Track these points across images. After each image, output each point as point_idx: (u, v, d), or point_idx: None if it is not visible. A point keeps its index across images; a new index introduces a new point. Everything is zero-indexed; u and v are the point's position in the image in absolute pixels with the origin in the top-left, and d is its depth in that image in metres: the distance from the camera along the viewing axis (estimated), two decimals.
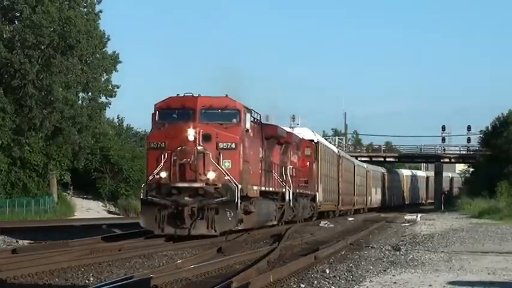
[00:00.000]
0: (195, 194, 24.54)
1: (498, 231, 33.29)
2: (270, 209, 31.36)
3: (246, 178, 26.07)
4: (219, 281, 12.97)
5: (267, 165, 30.60)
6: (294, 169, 36.85)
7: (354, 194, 64.25)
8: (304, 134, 45.34)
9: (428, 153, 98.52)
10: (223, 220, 24.42)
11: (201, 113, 25.54)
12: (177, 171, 24.60)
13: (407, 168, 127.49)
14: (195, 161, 24.57)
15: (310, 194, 42.04)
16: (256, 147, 28.43)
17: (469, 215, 55.47)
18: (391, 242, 25.64)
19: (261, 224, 29.73)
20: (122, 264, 16.88)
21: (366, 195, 71.76)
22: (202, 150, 24.68)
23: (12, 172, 56.14)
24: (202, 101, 25.78)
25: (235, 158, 25.25)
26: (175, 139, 24.78)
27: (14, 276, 14.08)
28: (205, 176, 24.58)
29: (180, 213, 24.30)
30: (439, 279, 14.35)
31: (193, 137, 24.61)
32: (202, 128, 24.90)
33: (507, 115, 77.53)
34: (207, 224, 24.28)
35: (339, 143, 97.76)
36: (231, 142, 25.18)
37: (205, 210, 24.34)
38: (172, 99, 26.67)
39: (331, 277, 14.69)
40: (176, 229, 24.23)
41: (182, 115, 25.74)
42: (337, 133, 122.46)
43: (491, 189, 62.49)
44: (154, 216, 24.35)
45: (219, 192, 24.68)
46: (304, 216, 40.78)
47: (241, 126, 25.98)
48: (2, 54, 53.51)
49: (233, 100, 26.26)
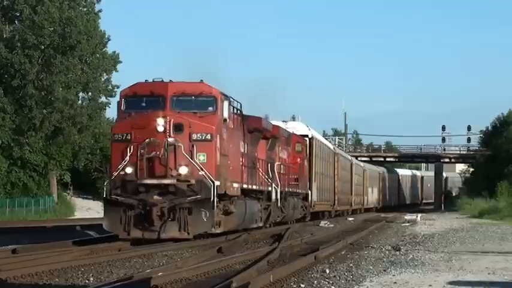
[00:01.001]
0: (165, 192, 22.01)
1: (498, 231, 33.29)
2: (254, 210, 28.55)
3: (224, 174, 23.46)
4: (219, 281, 12.97)
5: (251, 161, 28.01)
6: (283, 166, 34.30)
7: (351, 193, 61.83)
8: (297, 128, 42.76)
9: (428, 153, 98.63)
10: (197, 221, 21.87)
11: (173, 101, 22.89)
12: (145, 167, 22.08)
13: (407, 168, 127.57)
14: (165, 155, 22.07)
15: (301, 193, 39.10)
16: (236, 140, 25.68)
17: (469, 215, 55.49)
18: (391, 242, 25.62)
19: (244, 226, 27.10)
20: (122, 264, 16.88)
21: (363, 195, 69.66)
22: (173, 142, 22.16)
23: (12, 172, 56.20)
24: (173, 87, 23.13)
25: (211, 151, 22.59)
26: (142, 130, 22.32)
27: (14, 276, 14.07)
28: (176, 172, 22.05)
29: (148, 214, 21.80)
30: (439, 279, 14.35)
31: (163, 128, 22.14)
32: (173, 117, 22.34)
33: (507, 115, 77.67)
34: (179, 226, 21.79)
35: (339, 143, 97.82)
36: (206, 133, 22.56)
37: (176, 210, 21.83)
38: (139, 86, 24.15)
39: (331, 277, 14.69)
40: (144, 232, 21.80)
41: (151, 103, 23.09)
42: (337, 133, 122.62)
43: (491, 189, 62.54)
44: (119, 218, 21.87)
45: (193, 189, 22.09)
46: (295, 217, 38.11)
47: (218, 116, 23.21)
48: (2, 54, 53.57)
49: (209, 86, 23.53)
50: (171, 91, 22.92)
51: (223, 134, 23.52)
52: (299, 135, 40.60)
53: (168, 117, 22.27)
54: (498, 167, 69.67)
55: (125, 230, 21.82)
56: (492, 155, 75.59)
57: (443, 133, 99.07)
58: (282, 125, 39.09)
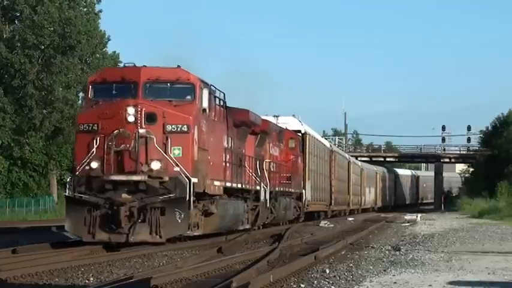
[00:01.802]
0: (135, 189, 19.77)
1: (498, 231, 33.28)
2: (239, 210, 26.30)
3: (203, 170, 21.29)
4: (219, 281, 12.97)
5: (237, 157, 25.87)
6: (274, 164, 32.28)
7: (348, 193, 59.98)
8: (289, 123, 39.88)
9: (428, 153, 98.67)
10: (170, 223, 19.64)
11: (145, 88, 20.66)
12: (112, 161, 19.88)
13: (407, 168, 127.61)
14: (135, 148, 19.85)
15: (294, 192, 36.67)
16: (218, 134, 23.43)
17: (469, 215, 55.50)
18: (391, 242, 25.62)
19: (227, 228, 25.07)
20: (122, 264, 16.87)
21: (361, 195, 68.00)
22: (145, 133, 19.95)
23: (13, 172, 56.21)
24: (146, 73, 20.87)
25: (187, 144, 20.34)
26: (111, 120, 20.07)
27: (14, 276, 14.07)
28: (148, 167, 19.84)
29: (115, 215, 19.54)
30: (439, 279, 14.35)
31: (134, 118, 19.92)
32: (146, 106, 20.11)
33: (507, 115, 77.69)
34: (150, 229, 19.58)
35: (339, 143, 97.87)
36: (182, 124, 20.28)
37: (147, 210, 19.64)
38: (109, 71, 22.27)
39: (331, 277, 14.69)
40: (111, 235, 19.57)
41: (122, 90, 20.84)
42: (337, 133, 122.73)
43: (491, 189, 62.55)
44: (83, 219, 19.65)
45: (166, 187, 19.87)
46: (288, 218, 35.84)
47: (196, 105, 20.99)
48: (2, 54, 53.56)
49: (187, 72, 21.25)
50: (144, 77, 20.71)
51: (202, 126, 21.31)
52: (291, 130, 38.53)
53: (139, 105, 20.08)
54: (498, 167, 69.68)
55: (89, 232, 19.62)
56: (492, 155, 75.61)
57: (443, 133, 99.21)
58: (273, 120, 37.18)
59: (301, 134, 40.44)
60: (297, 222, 37.78)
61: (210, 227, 22.85)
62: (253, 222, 28.72)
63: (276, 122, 37.14)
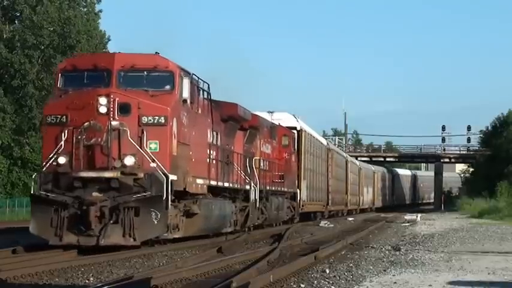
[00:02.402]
0: (107, 187, 18.27)
1: (498, 231, 33.27)
2: (226, 211, 24.57)
3: (183, 167, 19.83)
4: (219, 281, 12.96)
5: (224, 154, 24.33)
6: (266, 161, 30.66)
7: (346, 192, 58.35)
8: (284, 120, 38.19)
9: (428, 153, 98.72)
10: (145, 224, 18.23)
11: (120, 76, 19.07)
12: (82, 156, 18.36)
13: (407, 168, 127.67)
14: (107, 142, 18.32)
15: (288, 191, 35.14)
16: (202, 128, 21.85)
17: (469, 215, 55.51)
18: (391, 242, 25.61)
19: (211, 230, 23.52)
20: (122, 264, 16.86)
21: (359, 195, 66.78)
22: (118, 126, 18.41)
23: (13, 172, 56.18)
24: (121, 60, 19.31)
25: (164, 138, 18.81)
26: (81, 111, 18.54)
27: (14, 276, 14.06)
28: (121, 163, 18.30)
29: (85, 215, 18.08)
30: (439, 279, 14.34)
31: (106, 108, 18.38)
32: (119, 96, 18.57)
33: (507, 115, 77.71)
34: (123, 230, 18.10)
35: (339, 143, 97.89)
36: (159, 115, 18.71)
37: (120, 210, 18.12)
38: (80, 58, 20.92)
39: (331, 277, 14.68)
40: (80, 237, 18.08)
41: (94, 79, 19.23)
42: (337, 133, 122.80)
43: (491, 189, 62.57)
44: (50, 219, 18.20)
45: (141, 185, 18.35)
46: (281, 219, 34.23)
47: (176, 95, 19.41)
48: (2, 54, 53.58)
49: (165, 59, 19.70)
50: (118, 64, 19.13)
51: (182, 118, 19.73)
52: (286, 127, 36.82)
53: (112, 95, 18.49)
54: (498, 167, 69.69)
55: (56, 234, 18.13)
56: (492, 155, 75.63)
57: (443, 133, 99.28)
58: (267, 116, 35.72)
59: (296, 131, 38.81)
60: (291, 223, 36.31)
61: (193, 228, 21.45)
62: (242, 223, 27.29)
63: (271, 118, 35.83)
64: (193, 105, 20.75)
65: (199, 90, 21.61)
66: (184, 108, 19.91)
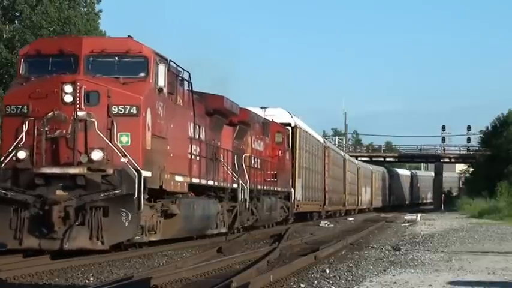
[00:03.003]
0: (72, 185, 16.50)
1: (498, 231, 33.28)
2: (210, 211, 22.81)
3: (159, 162, 18.12)
4: (219, 281, 12.96)
5: (208, 150, 22.62)
6: (258, 159, 29.12)
7: (344, 192, 56.97)
8: (277, 115, 36.55)
9: (428, 153, 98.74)
10: (115, 226, 16.46)
11: (88, 61, 17.37)
12: (45, 150, 16.60)
13: (407, 168, 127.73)
14: (72, 134, 16.60)
15: (281, 191, 33.47)
16: (182, 120, 20.12)
17: (469, 215, 55.54)
18: (391, 242, 25.62)
19: (194, 232, 22.01)
20: (122, 264, 16.84)
21: (357, 195, 65.30)
22: (85, 117, 16.70)
23: None
24: (89, 44, 17.77)
25: (137, 130, 17.05)
26: (44, 100, 16.78)
27: (14, 276, 14.05)
28: (87, 157, 16.53)
29: (47, 216, 16.28)
30: (439, 279, 14.34)
31: (72, 97, 16.64)
32: (86, 84, 16.84)
33: (507, 115, 77.73)
34: (89, 233, 16.35)
35: (339, 143, 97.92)
36: (131, 105, 16.96)
37: (86, 210, 16.36)
38: (44, 42, 19.20)
39: (331, 277, 14.68)
40: (41, 240, 16.31)
41: (59, 65, 17.49)
42: (337, 133, 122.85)
43: (491, 189, 62.60)
44: (8, 221, 16.41)
45: (110, 182, 16.54)
46: (273, 219, 32.65)
47: (150, 83, 17.66)
48: (2, 54, 53.55)
49: (138, 43, 17.89)
50: (87, 49, 17.44)
51: (157, 109, 18.03)
52: (280, 123, 35.26)
53: (78, 82, 16.77)
54: (498, 167, 69.72)
55: (15, 237, 16.40)
56: (492, 155, 75.65)
57: (443, 133, 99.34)
58: (260, 111, 34.19)
59: (290, 127, 37.08)
60: (285, 224, 34.97)
61: (172, 230, 19.81)
62: (230, 224, 25.70)
63: (264, 114, 34.41)
64: (172, 95, 19.09)
65: (178, 78, 19.80)
66: (160, 97, 18.17)
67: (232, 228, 26.00)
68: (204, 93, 22.89)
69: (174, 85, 19.25)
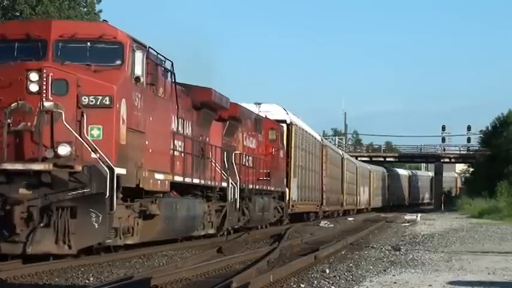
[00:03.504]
0: (37, 183, 15.04)
1: (498, 231, 33.29)
2: (197, 212, 21.52)
3: (135, 159, 16.69)
4: (219, 281, 12.95)
5: (195, 146, 21.33)
6: (250, 157, 27.89)
7: (342, 192, 55.73)
8: (272, 112, 35.45)
9: (428, 153, 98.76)
10: (84, 229, 15.00)
11: (57, 47, 15.96)
12: (7, 144, 15.21)
13: (407, 168, 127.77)
14: (38, 127, 15.18)
15: (275, 190, 32.28)
16: (163, 113, 18.64)
17: (469, 215, 55.54)
18: (391, 242, 25.63)
19: (177, 233, 20.71)
20: (122, 264, 16.84)
21: (356, 195, 64.12)
22: (52, 107, 15.27)
23: None
24: (59, 28, 16.23)
25: (109, 123, 15.61)
26: (7, 90, 15.36)
27: (14, 276, 14.04)
28: (53, 152, 15.06)
29: (8, 217, 14.81)
30: (439, 279, 14.34)
31: (38, 86, 15.24)
32: (54, 71, 15.41)
33: (507, 115, 77.72)
34: (55, 236, 14.88)
35: (339, 143, 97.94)
36: (103, 95, 15.52)
37: (52, 211, 14.89)
38: (11, 26, 17.61)
39: (331, 277, 14.68)
40: (2, 243, 14.93)
41: (26, 50, 16.01)
42: (337, 133, 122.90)
43: (491, 189, 62.61)
44: None
45: (79, 179, 15.13)
46: (267, 220, 31.34)
47: (125, 71, 16.27)
48: None
49: (113, 28, 16.60)
50: (56, 33, 15.98)
51: (134, 100, 16.58)
52: (274, 120, 34.04)
53: (45, 70, 15.33)
54: (498, 167, 69.70)
55: None
56: (492, 155, 75.64)
57: (443, 133, 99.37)
58: (254, 107, 33.22)
59: (286, 124, 35.92)
60: (280, 224, 34.00)
61: (151, 232, 18.52)
62: (219, 225, 24.43)
63: (258, 110, 33.32)
64: (153, 86, 17.73)
65: (160, 68, 18.46)
66: (137, 88, 16.70)
67: (221, 230, 24.73)
68: (190, 86, 21.69)
69: (155, 75, 17.81)
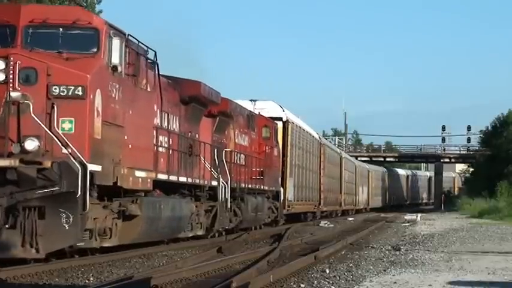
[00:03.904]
0: (2, 180, 14.04)
1: (498, 231, 33.30)
2: (183, 212, 20.28)
3: (113, 154, 15.53)
4: (219, 281, 12.95)
5: (183, 142, 20.29)
6: (242, 155, 26.84)
7: (341, 191, 54.73)
8: (268, 109, 34.43)
9: (428, 153, 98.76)
10: (53, 231, 13.90)
11: (27, 33, 14.86)
12: None
13: (407, 168, 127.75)
14: (4, 119, 14.12)
15: (269, 190, 31.17)
16: (145, 106, 17.33)
17: (469, 215, 55.55)
18: (391, 242, 25.63)
19: (161, 235, 19.46)
20: (122, 264, 16.84)
21: (355, 194, 63.14)
22: (19, 98, 14.18)
23: None
24: (30, 13, 15.06)
25: (83, 115, 14.41)
26: None
27: (14, 276, 14.03)
28: (20, 147, 14.05)
29: None
30: (439, 279, 14.34)
31: (4, 75, 14.26)
32: (22, 59, 14.39)
33: (507, 115, 77.72)
34: (22, 239, 13.84)
35: (339, 143, 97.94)
36: (76, 85, 14.32)
37: (19, 211, 13.83)
38: None
39: (331, 277, 14.68)
40: None
41: None
42: (337, 133, 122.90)
43: (491, 189, 62.61)
44: None
45: (48, 177, 13.92)
46: (260, 221, 30.13)
47: (100, 59, 15.09)
48: None
49: (88, 13, 15.86)
50: (26, 18, 14.86)
51: (110, 91, 15.42)
52: (269, 117, 32.87)
53: (12, 57, 14.31)
54: (498, 167, 69.71)
55: None
56: (492, 155, 75.65)
57: (443, 133, 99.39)
58: (249, 104, 32.30)
59: (282, 121, 34.97)
60: (275, 225, 33.05)
61: (131, 234, 17.24)
62: (209, 226, 23.31)
63: (253, 107, 32.61)
64: (134, 77, 16.58)
65: (141, 57, 17.18)
66: (114, 78, 15.54)
67: (211, 231, 23.58)
68: (178, 79, 20.76)
69: (137, 65, 16.66)
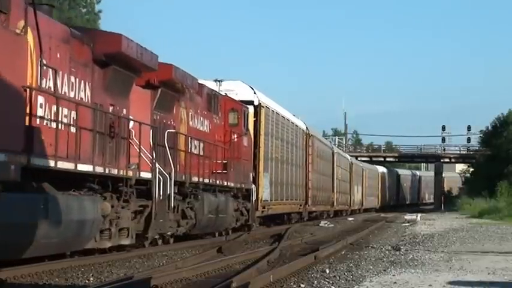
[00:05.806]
0: None
1: (498, 231, 33.31)
2: (86, 216, 14.83)
3: None
4: (219, 281, 12.95)
5: (97, 118, 15.38)
6: (199, 142, 22.18)
7: (333, 190, 50.05)
8: (236, 90, 29.03)
9: (428, 153, 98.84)
10: None
11: None
12: None
13: (407, 168, 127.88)
14: None
15: (235, 187, 26.14)
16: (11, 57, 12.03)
17: (469, 215, 55.56)
18: (391, 242, 25.64)
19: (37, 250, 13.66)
20: (122, 264, 16.85)
21: (349, 194, 59.06)
22: None
23: None
24: None
25: None
26: None
27: (14, 276, 14.05)
28: None
29: None
30: (439, 279, 14.34)
31: None
32: None
33: (507, 115, 77.76)
34: None
35: (339, 143, 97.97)
36: None
37: None
38: None
39: (331, 277, 14.68)
40: None
41: None
42: (337, 133, 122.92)
43: (491, 189, 62.63)
44: None
45: None
46: (224, 225, 24.98)
47: None
48: None
49: None
50: None
51: None
52: (238, 100, 27.65)
53: None
54: (498, 167, 69.74)
55: None
56: (492, 155, 75.69)
57: (443, 133, 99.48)
58: (214, 85, 27.34)
59: (253, 105, 29.60)
60: (247, 230, 27.90)
61: None
62: (142, 232, 18.58)
63: (218, 88, 27.55)
64: None
65: None
66: None
67: (144, 238, 18.92)
68: (91, 30, 17.48)
69: None
